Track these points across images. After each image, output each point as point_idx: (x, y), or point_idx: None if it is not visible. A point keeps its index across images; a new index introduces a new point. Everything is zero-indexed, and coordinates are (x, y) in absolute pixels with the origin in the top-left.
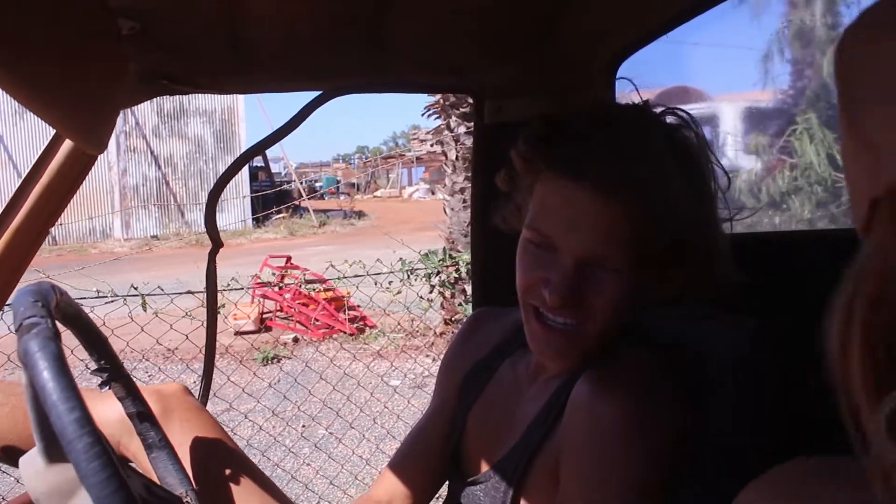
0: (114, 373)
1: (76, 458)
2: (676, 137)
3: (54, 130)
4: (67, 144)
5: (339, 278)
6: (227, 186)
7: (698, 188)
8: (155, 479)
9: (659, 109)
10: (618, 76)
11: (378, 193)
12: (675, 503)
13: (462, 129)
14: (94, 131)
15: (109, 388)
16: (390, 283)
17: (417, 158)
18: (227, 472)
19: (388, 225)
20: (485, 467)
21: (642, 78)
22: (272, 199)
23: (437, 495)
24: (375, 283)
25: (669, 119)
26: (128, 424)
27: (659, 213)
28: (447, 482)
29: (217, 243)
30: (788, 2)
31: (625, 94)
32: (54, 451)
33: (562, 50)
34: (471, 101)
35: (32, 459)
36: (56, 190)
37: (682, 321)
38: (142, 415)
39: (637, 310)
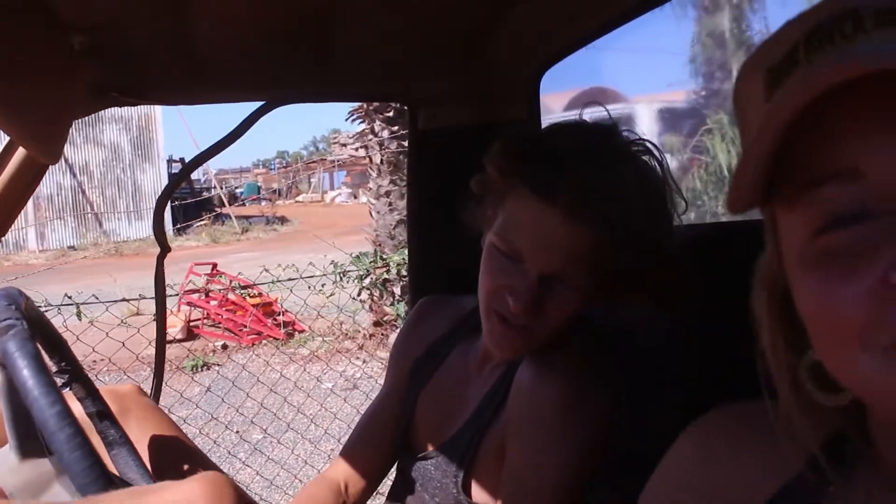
0: (74, 374)
1: (59, 448)
2: (642, 166)
3: (7, 138)
4: (20, 153)
5: (273, 281)
6: (146, 195)
7: (660, 214)
8: (116, 474)
9: (625, 133)
10: (543, 82)
11: (300, 198)
12: (606, 467)
13: (386, 133)
14: (48, 141)
15: (70, 389)
16: (323, 285)
17: (339, 163)
18: (185, 466)
19: (311, 230)
20: (436, 444)
21: (560, 80)
22: (192, 206)
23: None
24: (309, 287)
25: (635, 147)
26: (88, 423)
27: (622, 237)
28: (398, 461)
29: (165, 248)
30: (702, 7)
31: (546, 95)
32: (28, 448)
33: (492, 60)
34: (398, 106)
35: (5, 456)
36: (8, 198)
37: (618, 309)
38: (101, 414)
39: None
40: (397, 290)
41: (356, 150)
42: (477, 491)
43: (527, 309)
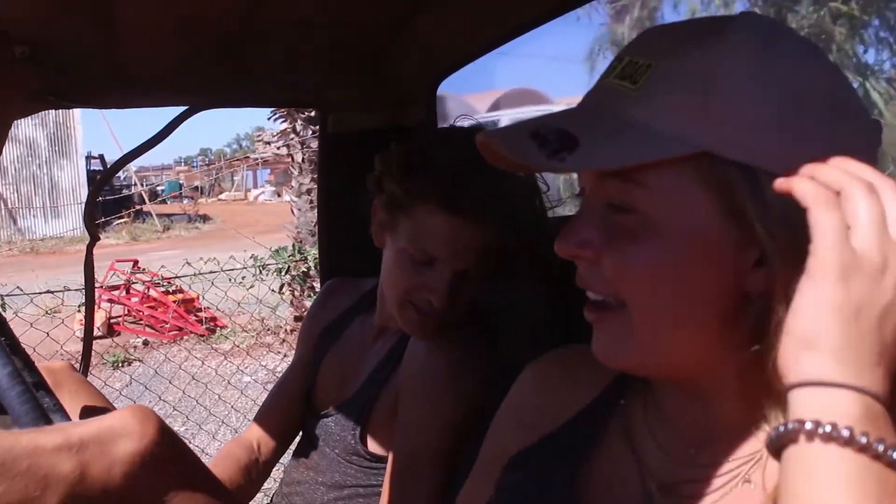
0: (12, 347)
1: (10, 404)
2: (529, 187)
3: None
4: None
5: (194, 274)
6: (63, 192)
7: (539, 207)
8: None
9: None
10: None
11: (223, 197)
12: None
13: (308, 133)
14: None
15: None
16: (243, 277)
17: (263, 161)
18: None
19: (234, 228)
20: (336, 404)
21: (485, 81)
22: (111, 204)
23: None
24: (230, 280)
25: None
26: None
27: (513, 230)
28: (303, 421)
29: (94, 237)
30: (608, 15)
31: (470, 95)
32: None
33: (394, 69)
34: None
35: None
36: None
37: (497, 287)
38: (37, 384)
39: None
40: (318, 286)
41: (279, 148)
42: (372, 443)
43: (441, 303)
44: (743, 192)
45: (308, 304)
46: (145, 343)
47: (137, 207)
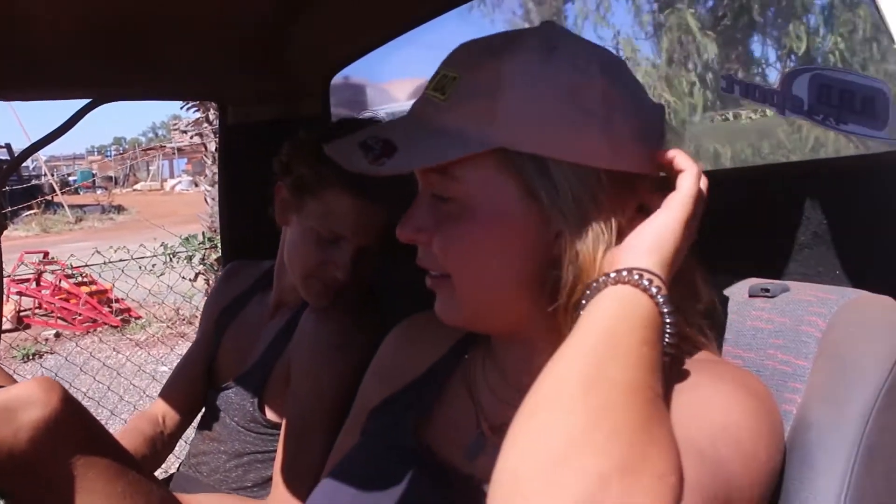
0: None
1: None
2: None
3: None
4: None
5: (104, 263)
6: None
7: None
8: None
9: None
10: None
11: (138, 187)
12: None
13: None
14: None
15: None
16: (153, 266)
17: (179, 150)
18: None
19: (150, 219)
20: (235, 376)
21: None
22: (20, 194)
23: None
24: (140, 268)
25: None
26: None
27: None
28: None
29: (2, 226)
30: (512, 12)
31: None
32: None
33: (290, 62)
34: None
35: None
36: None
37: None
38: None
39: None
40: None
41: (192, 137)
42: (269, 411)
43: (345, 277)
44: (535, 179)
45: None
46: (57, 335)
47: (48, 198)
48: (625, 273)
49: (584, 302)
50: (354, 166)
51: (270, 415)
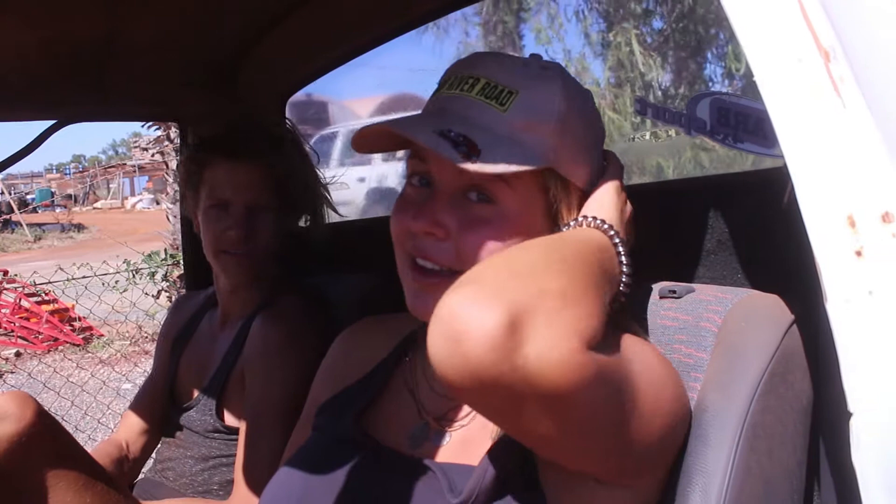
0: None
1: None
2: (292, 133)
3: None
4: None
5: (67, 280)
6: None
7: (304, 161)
8: None
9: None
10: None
11: (98, 205)
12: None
13: None
14: None
15: None
16: (116, 282)
17: (140, 167)
18: None
19: (111, 237)
20: (195, 394)
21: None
22: None
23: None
24: (103, 285)
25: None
26: None
27: (285, 172)
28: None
29: None
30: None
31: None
32: None
33: (248, 84)
34: None
35: None
36: None
37: (328, 277)
38: None
39: (288, 242)
40: None
41: (153, 155)
42: (228, 416)
43: (242, 235)
44: (558, 196)
45: None
46: (18, 354)
47: (6, 217)
48: (581, 219)
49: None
50: (447, 155)
51: (230, 420)
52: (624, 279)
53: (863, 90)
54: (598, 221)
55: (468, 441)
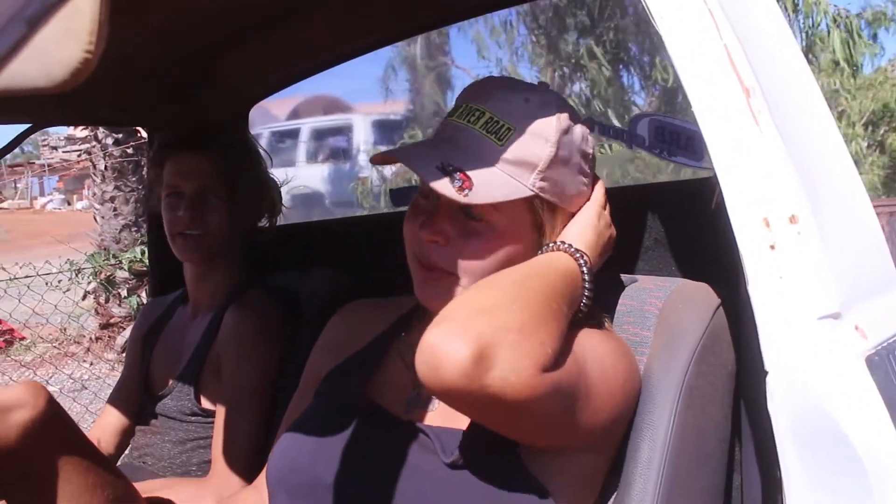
0: None
1: None
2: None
3: None
4: None
5: (10, 279)
6: None
7: (253, 158)
8: None
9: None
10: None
11: (5, 205)
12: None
13: (110, 140)
14: None
15: None
16: (59, 281)
17: (50, 167)
18: None
19: (21, 239)
20: (170, 382)
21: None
22: None
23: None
24: (46, 284)
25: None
26: None
27: (232, 164)
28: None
29: None
30: (406, 44)
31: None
32: None
33: (211, 95)
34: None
35: None
36: None
37: (295, 276)
38: None
39: (245, 237)
40: (123, 292)
41: (79, 155)
42: (205, 401)
43: (192, 216)
44: (545, 218)
45: (115, 311)
46: None
47: None
48: (559, 243)
49: None
50: (445, 192)
51: (206, 404)
52: (584, 301)
53: (775, 120)
54: (571, 249)
55: None
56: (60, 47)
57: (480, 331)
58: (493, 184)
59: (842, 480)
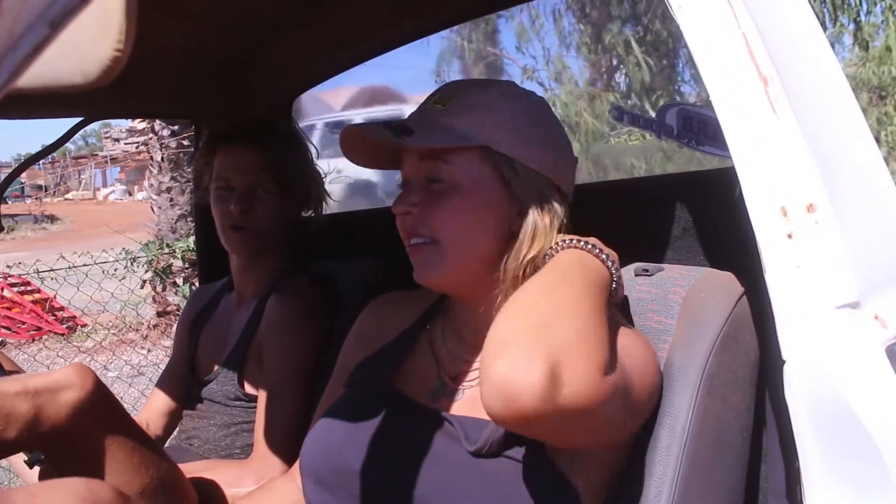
0: None
1: None
2: (292, 128)
3: None
4: None
5: (69, 267)
6: None
7: (302, 152)
8: None
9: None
10: None
11: (70, 196)
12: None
13: (167, 132)
14: None
15: None
16: (115, 269)
17: (112, 158)
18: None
19: (85, 228)
20: (215, 368)
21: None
22: None
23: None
24: (103, 272)
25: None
26: None
27: (282, 159)
28: (189, 388)
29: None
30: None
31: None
32: None
33: (258, 85)
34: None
35: None
36: None
37: (336, 264)
38: None
39: (291, 228)
40: (179, 281)
41: (138, 147)
42: (248, 386)
43: (242, 210)
44: (507, 171)
45: (171, 299)
46: (2, 343)
47: None
48: (578, 241)
49: (546, 258)
50: (385, 138)
51: (249, 389)
52: (614, 285)
53: (793, 108)
54: (583, 243)
55: (479, 398)
56: (96, 46)
57: (546, 349)
58: (434, 133)
59: (861, 470)
